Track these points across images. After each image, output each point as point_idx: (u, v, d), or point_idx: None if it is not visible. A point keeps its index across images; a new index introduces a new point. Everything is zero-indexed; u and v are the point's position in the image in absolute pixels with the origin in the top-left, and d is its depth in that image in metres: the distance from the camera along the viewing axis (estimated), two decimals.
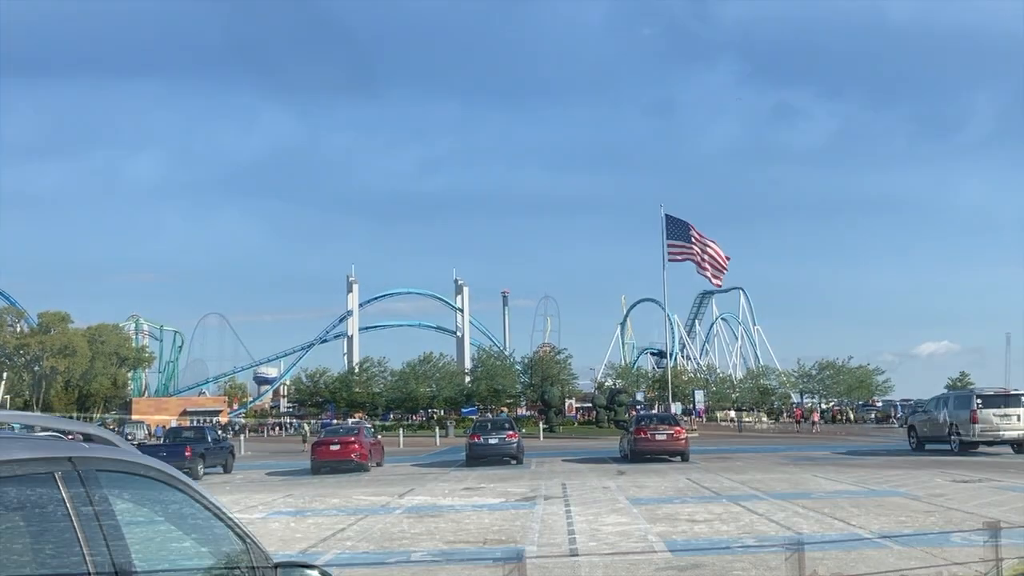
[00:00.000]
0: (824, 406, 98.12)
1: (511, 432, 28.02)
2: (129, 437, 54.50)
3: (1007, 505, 13.49)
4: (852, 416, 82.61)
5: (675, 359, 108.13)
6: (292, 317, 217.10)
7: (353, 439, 27.48)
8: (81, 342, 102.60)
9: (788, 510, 13.70)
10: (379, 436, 35.68)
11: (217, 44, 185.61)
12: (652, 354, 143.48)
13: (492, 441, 27.75)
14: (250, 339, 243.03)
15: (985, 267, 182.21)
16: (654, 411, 77.70)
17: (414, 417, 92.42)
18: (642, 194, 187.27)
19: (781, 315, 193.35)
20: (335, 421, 77.56)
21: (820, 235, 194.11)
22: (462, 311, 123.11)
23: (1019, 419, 25.84)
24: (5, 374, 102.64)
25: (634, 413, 64.84)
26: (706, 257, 49.73)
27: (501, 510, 15.15)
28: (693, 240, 49.59)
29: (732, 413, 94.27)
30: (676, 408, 66.75)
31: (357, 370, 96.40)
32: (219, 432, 34.29)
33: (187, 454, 26.66)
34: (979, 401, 25.93)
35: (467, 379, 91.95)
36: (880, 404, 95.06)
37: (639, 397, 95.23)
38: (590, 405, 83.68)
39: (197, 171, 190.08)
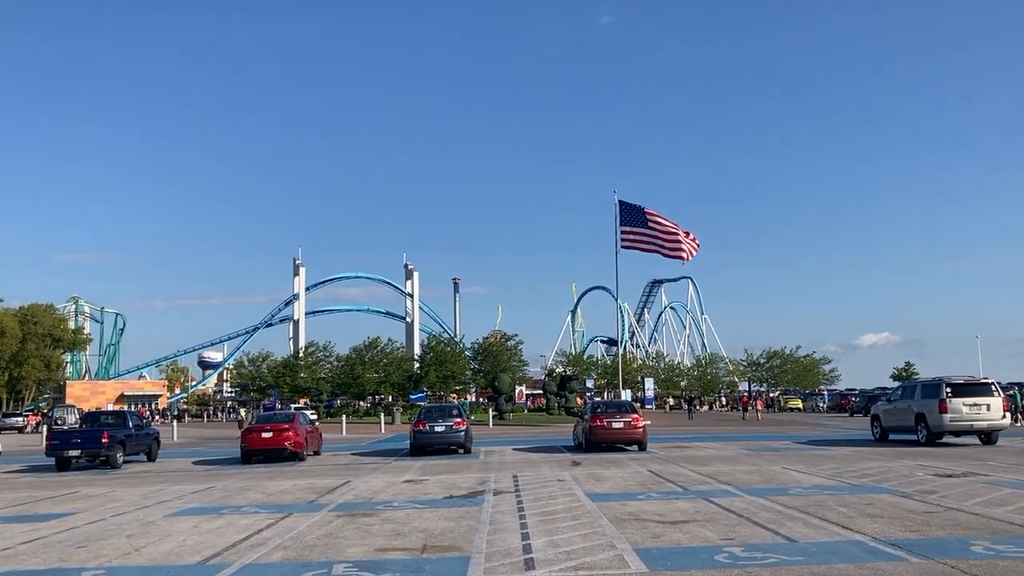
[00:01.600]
0: (773, 395, 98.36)
1: (459, 419, 26.19)
2: (59, 422, 51.51)
3: (1010, 504, 12.08)
4: (801, 405, 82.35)
5: (625, 347, 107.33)
6: (242, 301, 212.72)
7: (287, 426, 25.38)
8: (11, 322, 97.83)
9: (770, 510, 12.11)
10: (317, 423, 33.60)
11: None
12: (602, 342, 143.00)
13: (438, 429, 25.89)
14: (198, 323, 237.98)
15: (922, 261, 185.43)
16: (608, 398, 76.74)
17: (361, 403, 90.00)
18: (596, 180, 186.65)
19: (727, 304, 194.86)
20: (278, 406, 75.07)
21: (767, 226, 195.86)
22: (412, 296, 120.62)
23: (989, 409, 24.78)
24: None
25: (587, 400, 63.66)
26: (667, 236, 48.02)
27: (445, 507, 13.33)
28: (649, 224, 47.90)
29: (671, 400, 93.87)
30: (626, 395, 65.69)
31: (301, 354, 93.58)
32: (143, 417, 31.81)
33: (104, 440, 24.38)
34: (948, 390, 24.79)
35: (416, 365, 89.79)
36: (826, 393, 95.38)
37: (589, 384, 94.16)
38: (540, 392, 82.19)
39: (154, 148, 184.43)
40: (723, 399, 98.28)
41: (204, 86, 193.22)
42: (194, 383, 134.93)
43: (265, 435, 25.11)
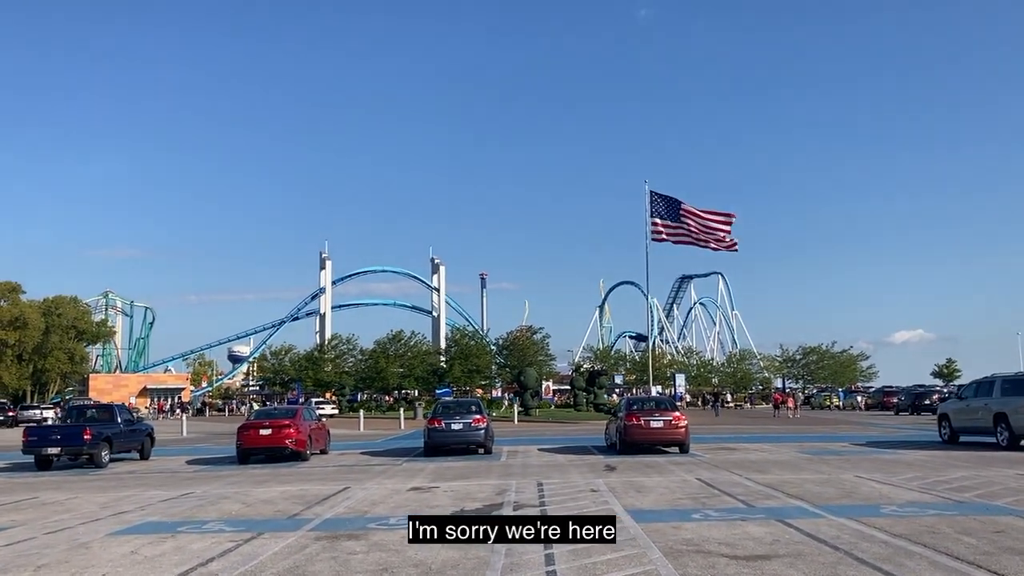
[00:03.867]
0: (807, 392, 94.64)
1: (478, 416, 23.49)
2: (46, 420, 49.33)
3: None
4: (839, 403, 78.72)
5: (654, 342, 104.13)
6: (274, 296, 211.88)
7: (288, 422, 22.87)
8: (34, 314, 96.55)
9: (871, 539, 9.32)
10: (335, 416, 31.06)
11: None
12: (631, 337, 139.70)
13: (455, 427, 23.22)
14: (231, 317, 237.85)
15: (956, 257, 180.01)
16: (637, 394, 73.79)
17: (387, 398, 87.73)
18: (626, 170, 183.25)
19: (757, 300, 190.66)
20: (301, 400, 72.92)
21: (797, 221, 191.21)
22: (438, 290, 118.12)
23: None
24: None
25: (624, 396, 60.76)
26: (704, 228, 45.03)
27: None
28: (683, 217, 44.93)
29: (687, 397, 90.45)
30: (656, 391, 62.76)
31: (325, 348, 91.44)
32: (134, 412, 29.51)
33: (86, 437, 22.02)
34: None
35: (441, 359, 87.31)
36: (869, 390, 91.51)
37: (618, 380, 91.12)
38: (568, 387, 79.31)
39: (186, 151, 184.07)
40: (749, 397, 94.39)
41: (234, 86, 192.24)
42: (221, 377, 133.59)
43: (263, 432, 22.64)
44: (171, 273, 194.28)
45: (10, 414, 63.39)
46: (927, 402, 56.61)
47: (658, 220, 45.46)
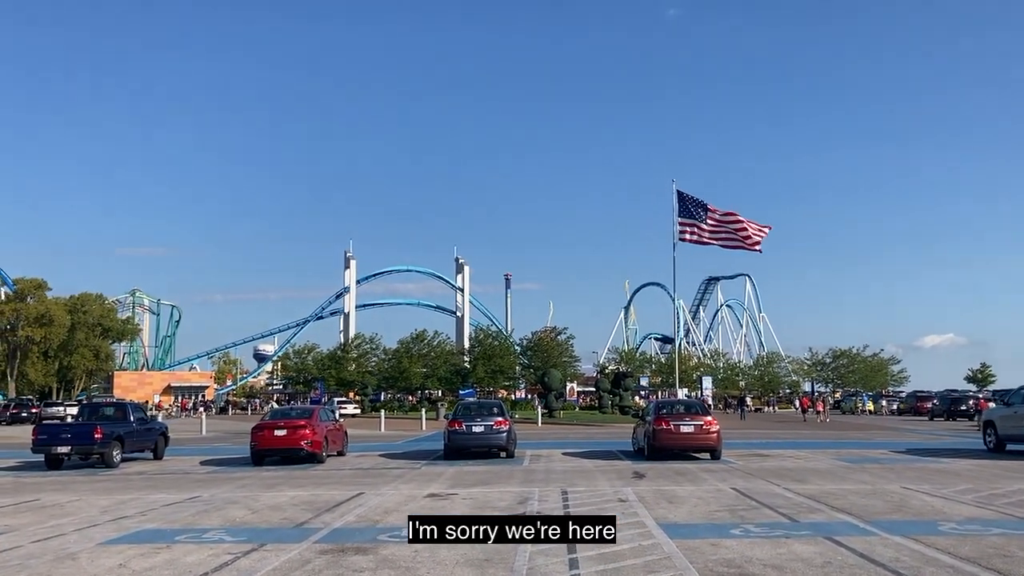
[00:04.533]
0: (835, 396, 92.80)
1: (500, 419, 22.57)
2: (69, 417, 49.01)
3: None
4: (872, 407, 76.88)
5: (680, 345, 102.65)
6: (300, 295, 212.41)
7: (304, 423, 22.11)
8: (59, 311, 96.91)
9: (935, 562, 8.35)
10: (354, 416, 30.30)
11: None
12: (656, 339, 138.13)
13: (476, 429, 22.34)
14: (257, 315, 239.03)
15: (989, 261, 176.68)
16: (663, 397, 72.49)
17: (410, 398, 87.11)
18: (652, 170, 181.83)
19: (784, 303, 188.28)
20: (323, 400, 72.43)
21: (824, 224, 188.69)
22: (462, 290, 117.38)
23: None
24: None
25: (653, 399, 59.58)
26: (730, 229, 43.95)
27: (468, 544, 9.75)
28: (710, 218, 43.87)
29: (708, 400, 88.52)
30: (682, 394, 61.55)
31: (348, 347, 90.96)
32: (146, 410, 28.93)
33: (96, 436, 21.38)
34: None
35: (465, 359, 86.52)
36: (900, 395, 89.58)
37: (644, 382, 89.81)
38: (593, 389, 78.17)
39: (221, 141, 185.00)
40: (770, 400, 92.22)
41: (256, 85, 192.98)
42: (245, 375, 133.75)
43: (278, 433, 21.90)
44: (198, 271, 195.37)
45: (33, 410, 63.34)
46: (963, 408, 55.08)
47: (685, 220, 44.47)
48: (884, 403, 77.73)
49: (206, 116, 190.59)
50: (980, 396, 62.11)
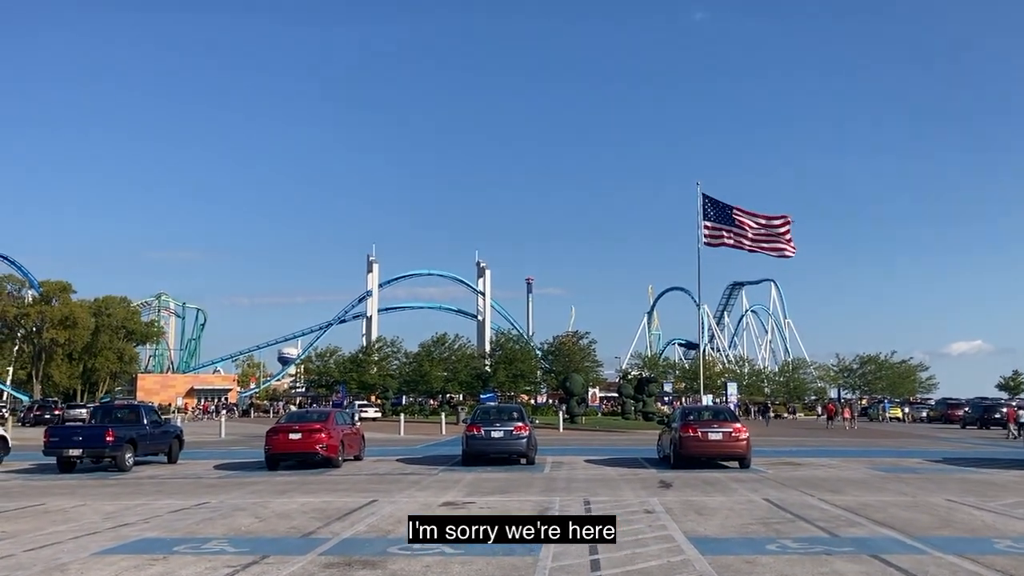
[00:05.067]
0: (863, 402, 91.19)
1: (520, 424, 21.87)
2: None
3: None
4: (901, 414, 75.31)
5: (705, 350, 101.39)
6: (325, 298, 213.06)
7: (319, 427, 21.56)
8: (83, 314, 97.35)
9: None
10: (358, 423, 29.70)
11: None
12: (680, 345, 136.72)
13: (495, 435, 21.66)
14: (283, 319, 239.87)
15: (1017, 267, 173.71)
16: (688, 403, 71.42)
17: (431, 401, 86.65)
18: (677, 175, 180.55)
19: (810, 309, 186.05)
20: (346, 402, 72.13)
21: (851, 230, 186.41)
22: (483, 294, 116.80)
23: None
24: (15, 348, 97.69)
25: (679, 405, 58.60)
26: (758, 233, 42.98)
27: (485, 555, 9.06)
28: (736, 222, 42.94)
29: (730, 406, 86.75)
30: (706, 400, 60.55)
31: (370, 350, 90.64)
32: (160, 413, 28.48)
33: (108, 439, 20.92)
34: None
35: (486, 363, 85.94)
36: (928, 402, 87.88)
37: (667, 388, 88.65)
38: (616, 395, 77.25)
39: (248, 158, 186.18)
40: (790, 407, 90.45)
41: (272, 90, 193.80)
42: (268, 378, 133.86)
43: (293, 436, 21.35)
44: (224, 275, 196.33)
45: (56, 412, 63.39)
46: (996, 416, 53.67)
47: (710, 224, 43.61)
48: (908, 410, 76.26)
49: (227, 120, 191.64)
50: (1013, 404, 60.69)
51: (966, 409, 61.42)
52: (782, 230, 43.13)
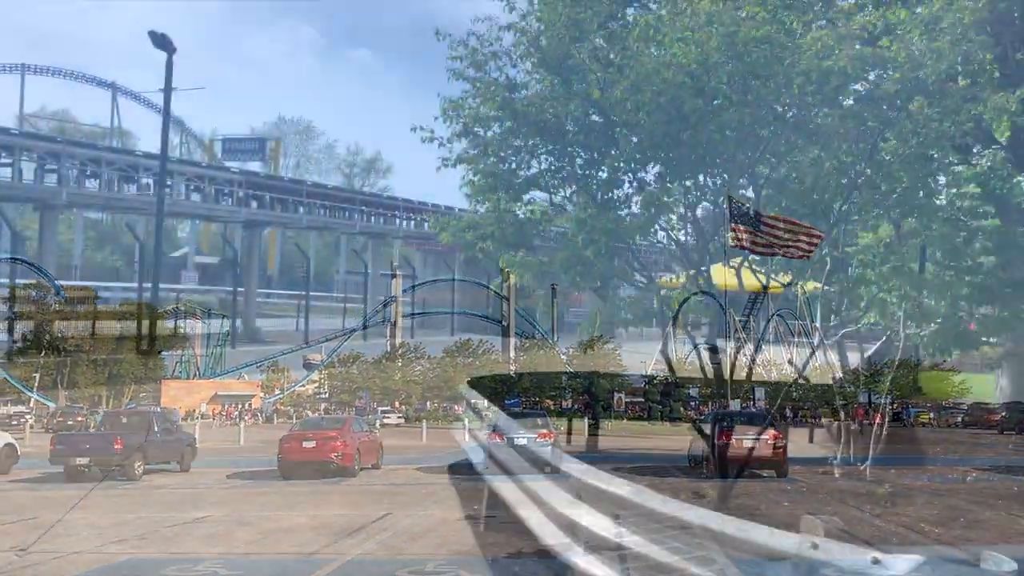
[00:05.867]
0: (895, 407, 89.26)
1: (544, 431, 20.91)
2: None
3: None
4: (927, 418, 73.39)
5: (731, 354, 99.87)
6: (350, 304, 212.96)
7: (334, 434, 20.68)
8: (108, 319, 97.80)
9: None
10: (376, 430, 28.79)
11: None
12: (706, 349, 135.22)
13: (519, 443, 20.70)
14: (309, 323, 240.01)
15: None
16: (727, 408, 69.85)
17: (456, 408, 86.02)
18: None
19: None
20: (368, 408, 71.57)
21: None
22: (507, 299, 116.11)
23: None
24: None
25: (711, 410, 57.24)
26: (785, 237, 41.76)
27: None
28: (764, 227, 41.75)
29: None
30: (734, 405, 59.27)
31: (393, 356, 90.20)
32: (172, 420, 27.76)
33: (116, 447, 20.19)
34: None
35: (511, 368, 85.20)
36: (960, 406, 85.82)
37: (693, 393, 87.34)
38: (642, 400, 76.08)
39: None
40: (816, 413, 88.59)
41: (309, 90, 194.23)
42: (293, 384, 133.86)
43: (307, 444, 20.50)
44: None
45: (79, 419, 63.14)
46: None
47: (738, 226, 42.47)
48: (934, 415, 74.46)
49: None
50: None
51: (1003, 414, 59.63)
52: (810, 236, 41.99)
